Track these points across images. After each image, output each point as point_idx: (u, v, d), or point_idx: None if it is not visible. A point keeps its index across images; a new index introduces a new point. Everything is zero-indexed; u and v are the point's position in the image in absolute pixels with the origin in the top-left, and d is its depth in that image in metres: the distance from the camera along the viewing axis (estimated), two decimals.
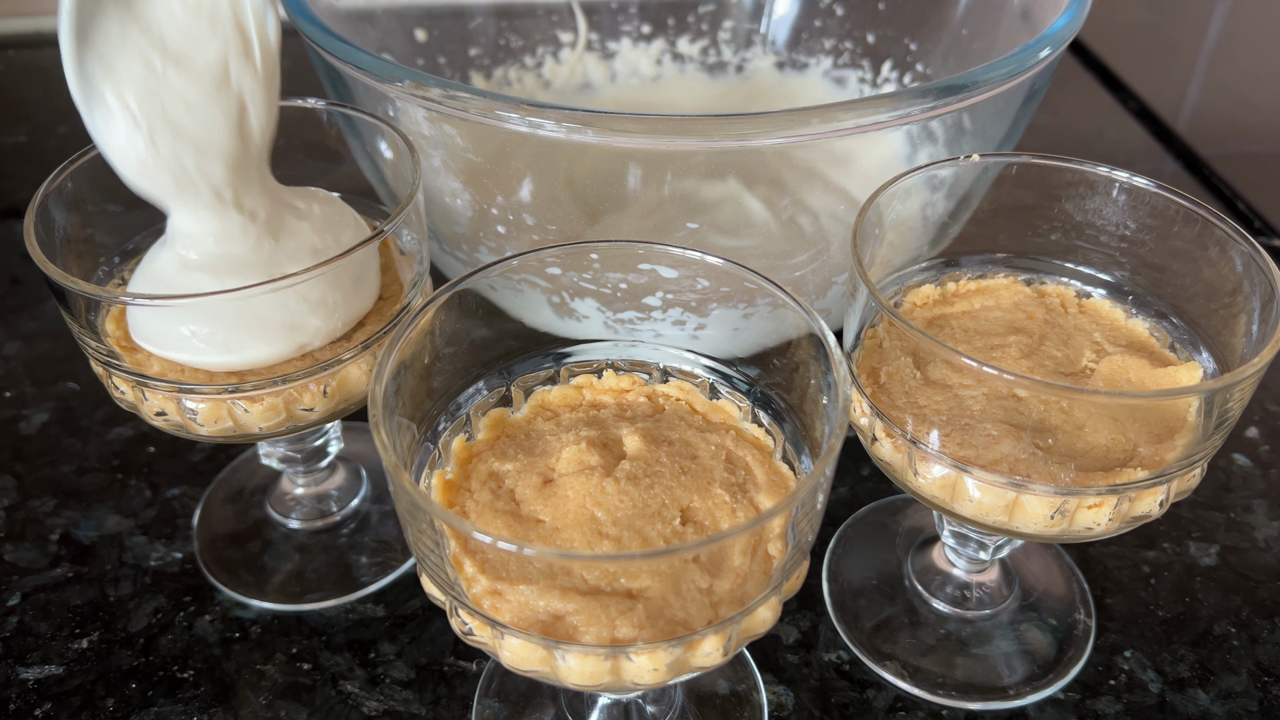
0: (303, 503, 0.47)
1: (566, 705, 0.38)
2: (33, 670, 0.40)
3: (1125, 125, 0.77)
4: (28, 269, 0.62)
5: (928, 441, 0.33)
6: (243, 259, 0.35)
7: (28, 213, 0.35)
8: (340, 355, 0.36)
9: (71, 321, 0.35)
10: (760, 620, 0.28)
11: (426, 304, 0.31)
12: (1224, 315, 0.35)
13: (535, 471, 0.31)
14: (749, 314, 0.41)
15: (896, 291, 0.40)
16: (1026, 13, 0.52)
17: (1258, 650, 0.41)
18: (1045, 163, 0.38)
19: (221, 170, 0.35)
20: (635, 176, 0.41)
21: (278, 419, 0.36)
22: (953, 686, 0.40)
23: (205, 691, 0.39)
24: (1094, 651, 0.41)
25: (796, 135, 0.37)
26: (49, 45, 0.86)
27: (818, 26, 0.67)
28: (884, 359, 0.35)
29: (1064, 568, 0.44)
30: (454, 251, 0.49)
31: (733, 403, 0.35)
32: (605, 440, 0.32)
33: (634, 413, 0.34)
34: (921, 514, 0.47)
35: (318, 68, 0.47)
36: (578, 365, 0.36)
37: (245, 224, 0.36)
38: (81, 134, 0.34)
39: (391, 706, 0.39)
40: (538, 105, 0.37)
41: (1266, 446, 0.50)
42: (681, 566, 0.27)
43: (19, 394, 0.53)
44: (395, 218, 0.35)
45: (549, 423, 0.34)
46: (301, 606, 0.43)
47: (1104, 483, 0.31)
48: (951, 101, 0.38)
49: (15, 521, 0.46)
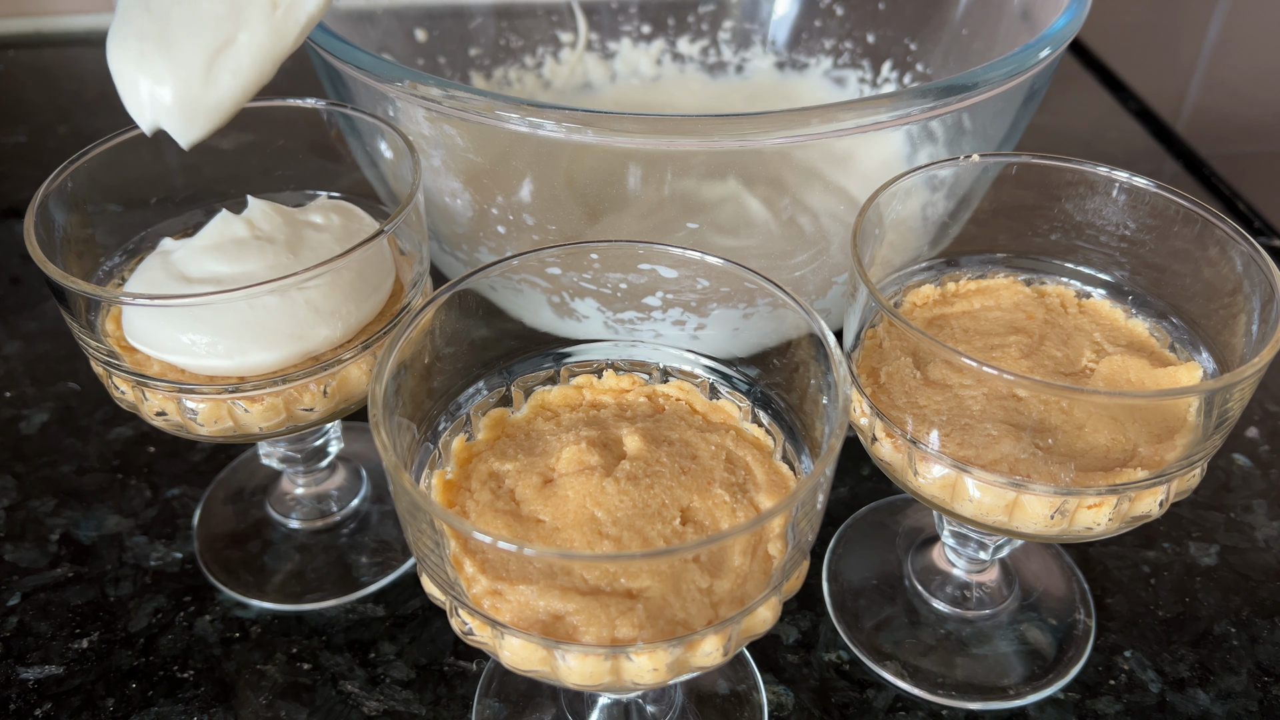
0: (303, 503, 0.47)
1: (566, 705, 0.38)
2: (33, 670, 0.40)
3: (1125, 125, 0.77)
4: (28, 269, 0.62)
5: (928, 441, 0.33)
6: (259, 276, 0.35)
7: (28, 213, 0.35)
8: (340, 355, 0.36)
9: (71, 321, 0.35)
10: (760, 620, 0.28)
11: (426, 304, 0.31)
12: (1224, 315, 0.35)
13: (535, 471, 0.31)
14: (749, 314, 0.41)
15: (896, 291, 0.40)
16: (1026, 13, 0.52)
17: (1258, 650, 0.41)
18: (1045, 163, 0.38)
19: (168, 93, 0.33)
20: (635, 176, 0.41)
21: (278, 419, 0.36)
22: (953, 686, 0.40)
23: (205, 691, 0.39)
24: (1094, 651, 0.41)
25: (796, 135, 0.37)
26: (49, 45, 0.87)
27: (818, 26, 0.67)
28: (884, 359, 0.35)
29: (1064, 568, 0.44)
30: (454, 251, 0.49)
31: (733, 403, 0.35)
32: (605, 440, 0.32)
33: (634, 413, 0.34)
34: (921, 514, 0.47)
35: (318, 68, 0.47)
36: (578, 365, 0.36)
37: (263, 246, 0.36)
38: (81, 134, 0.34)
39: (391, 706, 0.39)
40: (538, 105, 0.37)
41: (1266, 446, 0.50)
42: (681, 566, 0.27)
43: (19, 394, 0.53)
44: (395, 218, 0.35)
45: (549, 423, 0.34)
46: (301, 606, 0.43)
47: (1104, 483, 0.31)
48: (951, 101, 0.38)
49: (15, 521, 0.46)
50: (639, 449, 0.32)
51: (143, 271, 0.38)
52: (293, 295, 0.34)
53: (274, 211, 0.38)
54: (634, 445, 0.32)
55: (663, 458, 0.31)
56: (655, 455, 0.31)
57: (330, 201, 0.40)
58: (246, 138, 0.42)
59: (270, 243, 0.37)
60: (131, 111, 0.34)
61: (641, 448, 0.32)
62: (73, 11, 0.88)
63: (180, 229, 0.42)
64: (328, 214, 0.39)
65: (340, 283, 0.35)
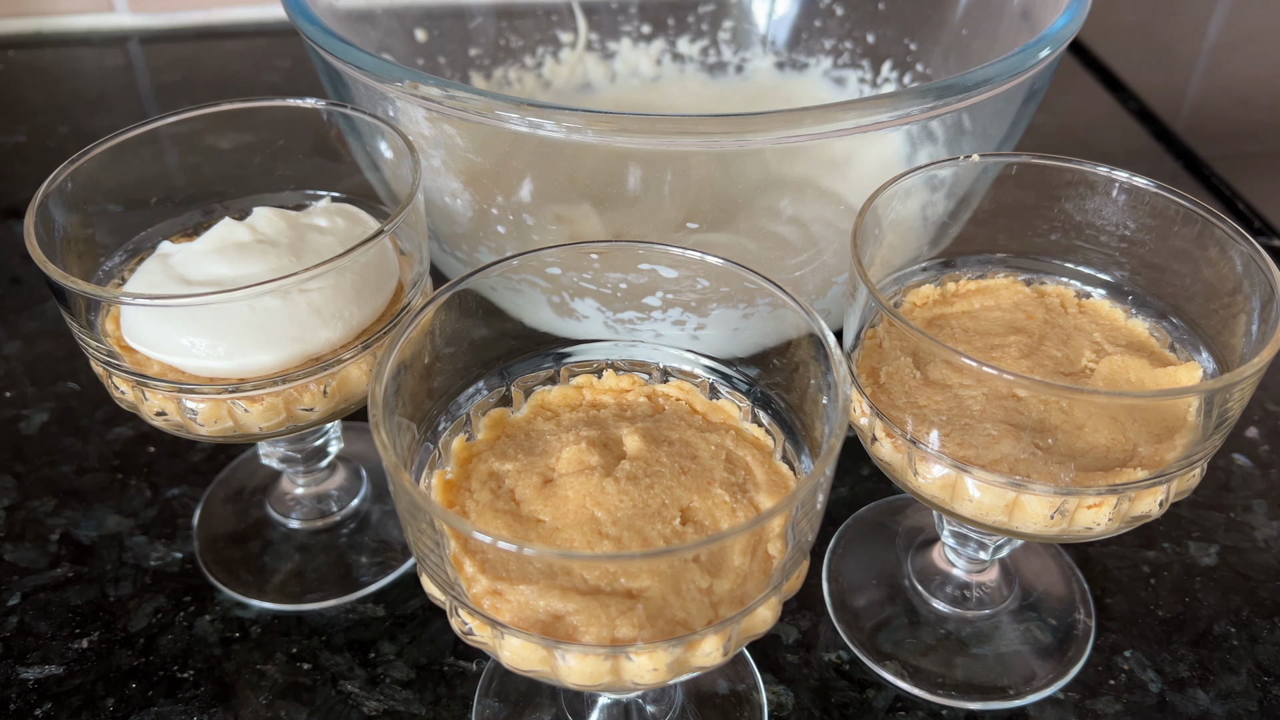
0: (303, 503, 0.47)
1: (566, 705, 0.38)
2: (33, 670, 0.40)
3: (1125, 125, 0.77)
4: (28, 269, 0.62)
5: (928, 441, 0.33)
6: (260, 278, 0.35)
7: (28, 213, 0.35)
8: (340, 355, 0.36)
9: (71, 321, 0.35)
10: (760, 620, 0.28)
11: (426, 304, 0.31)
12: (1224, 315, 0.35)
13: (535, 471, 0.31)
14: (749, 314, 0.41)
15: (896, 291, 0.40)
16: (1026, 13, 0.52)
17: (1257, 650, 0.41)
18: (1045, 163, 0.38)
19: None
20: (635, 176, 0.41)
21: (278, 419, 0.36)
22: (952, 686, 0.40)
23: (205, 691, 0.39)
24: (1094, 651, 0.41)
25: (796, 135, 0.37)
26: (49, 45, 0.87)
27: (818, 26, 0.67)
28: (884, 359, 0.35)
29: (1064, 568, 0.44)
30: (454, 251, 0.49)
31: (733, 403, 0.35)
32: (605, 440, 0.32)
33: (634, 413, 0.34)
34: (921, 514, 0.47)
35: (318, 67, 0.47)
36: (578, 365, 0.36)
37: (265, 249, 0.36)
38: (81, 134, 0.34)
39: (391, 706, 0.39)
40: (538, 105, 0.37)
41: (1266, 446, 0.50)
42: (681, 566, 0.27)
43: (19, 394, 0.53)
44: (395, 218, 0.35)
45: (549, 423, 0.34)
46: (301, 606, 0.43)
47: (1104, 483, 0.31)
48: (951, 101, 0.38)
49: (15, 521, 0.46)
50: (639, 449, 0.32)
51: (142, 274, 0.37)
52: (294, 297, 0.34)
53: (277, 216, 0.38)
54: (634, 445, 0.32)
55: (663, 458, 0.31)
56: (655, 455, 0.31)
57: (335, 205, 0.41)
58: (246, 138, 0.42)
59: (273, 246, 0.37)
60: None
61: (641, 448, 0.32)
62: (73, 11, 0.88)
63: (180, 229, 0.42)
64: (332, 217, 0.39)
65: (343, 285, 0.35)
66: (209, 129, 0.41)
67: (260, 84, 0.80)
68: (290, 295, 0.34)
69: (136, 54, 0.86)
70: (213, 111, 0.41)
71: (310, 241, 0.37)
